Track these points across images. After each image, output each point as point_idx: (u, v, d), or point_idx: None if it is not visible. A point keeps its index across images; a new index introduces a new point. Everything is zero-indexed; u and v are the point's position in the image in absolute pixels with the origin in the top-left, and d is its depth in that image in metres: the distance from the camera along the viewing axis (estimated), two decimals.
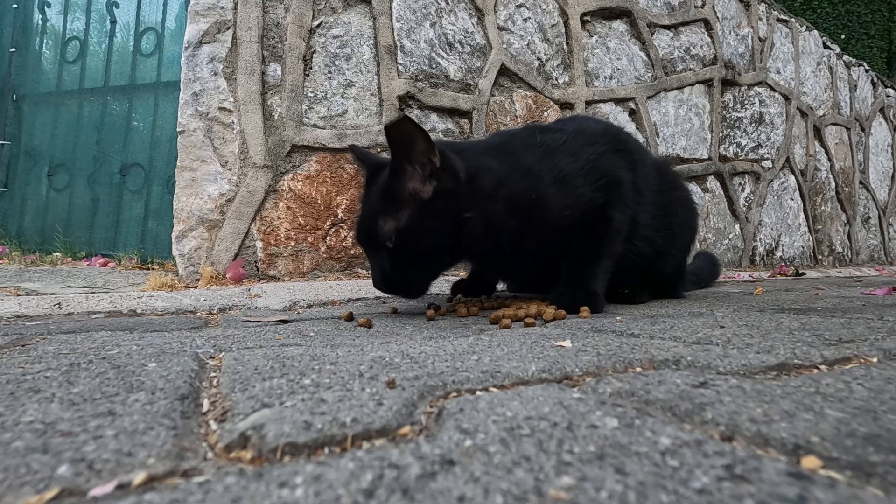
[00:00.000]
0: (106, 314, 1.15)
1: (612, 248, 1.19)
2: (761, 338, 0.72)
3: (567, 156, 1.15)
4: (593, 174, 1.15)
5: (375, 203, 1.05)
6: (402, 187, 1.01)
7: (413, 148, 0.98)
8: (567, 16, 2.45)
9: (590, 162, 1.15)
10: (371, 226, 1.03)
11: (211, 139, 1.64)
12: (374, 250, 1.05)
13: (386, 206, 1.01)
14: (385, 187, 1.03)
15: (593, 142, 1.20)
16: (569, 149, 1.17)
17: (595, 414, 0.40)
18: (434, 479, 0.30)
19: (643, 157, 1.37)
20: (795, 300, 1.36)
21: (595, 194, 1.14)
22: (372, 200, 1.07)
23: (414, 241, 1.01)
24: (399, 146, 0.99)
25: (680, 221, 1.40)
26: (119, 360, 0.61)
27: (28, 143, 2.84)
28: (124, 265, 2.17)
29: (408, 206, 1.01)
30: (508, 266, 1.30)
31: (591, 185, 1.14)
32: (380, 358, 0.61)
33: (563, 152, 1.16)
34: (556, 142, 1.18)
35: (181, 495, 0.29)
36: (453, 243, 1.05)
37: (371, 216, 1.04)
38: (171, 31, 2.61)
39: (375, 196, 1.06)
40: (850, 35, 6.47)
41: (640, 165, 1.29)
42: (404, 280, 1.05)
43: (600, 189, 1.15)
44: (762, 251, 3.35)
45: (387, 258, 1.02)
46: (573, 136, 1.21)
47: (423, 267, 1.06)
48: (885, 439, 0.35)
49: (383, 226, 1.01)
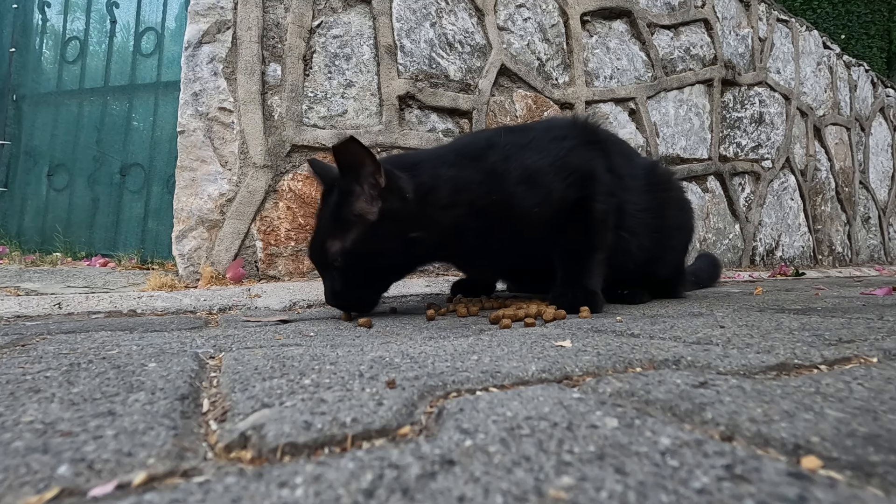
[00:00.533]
0: (106, 314, 1.15)
1: (601, 239, 1.17)
2: (761, 338, 0.72)
3: (534, 153, 1.15)
4: (564, 169, 1.14)
5: (325, 222, 1.07)
6: (349, 208, 1.03)
7: (361, 169, 1.00)
8: (567, 16, 2.45)
9: (560, 158, 1.15)
10: (320, 246, 1.05)
11: (211, 139, 1.64)
12: (322, 268, 1.07)
13: (334, 227, 1.04)
14: (334, 207, 1.05)
15: (563, 136, 1.20)
16: (536, 146, 1.16)
17: (595, 414, 0.40)
18: (434, 479, 0.30)
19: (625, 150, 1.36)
20: (795, 300, 1.36)
21: (569, 190, 1.13)
22: (322, 219, 1.09)
23: (359, 262, 1.04)
24: (347, 167, 1.01)
25: (673, 223, 1.38)
26: (119, 360, 0.61)
27: (28, 143, 2.84)
28: (124, 265, 2.17)
29: (355, 228, 1.03)
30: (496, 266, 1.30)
31: (564, 181, 1.13)
32: (380, 358, 0.61)
33: (530, 150, 1.15)
34: (522, 140, 1.17)
35: (181, 495, 0.29)
36: (401, 260, 1.09)
37: (320, 236, 1.06)
38: (171, 31, 2.61)
39: (326, 215, 1.08)
40: (850, 35, 6.47)
41: (617, 156, 1.27)
42: (354, 297, 1.07)
43: (574, 184, 1.14)
44: (762, 251, 3.35)
45: (336, 276, 1.04)
46: (541, 132, 1.20)
47: (370, 284, 1.09)
48: (885, 439, 0.35)
49: (330, 247, 1.03)
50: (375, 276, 1.09)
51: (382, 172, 1.01)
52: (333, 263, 1.04)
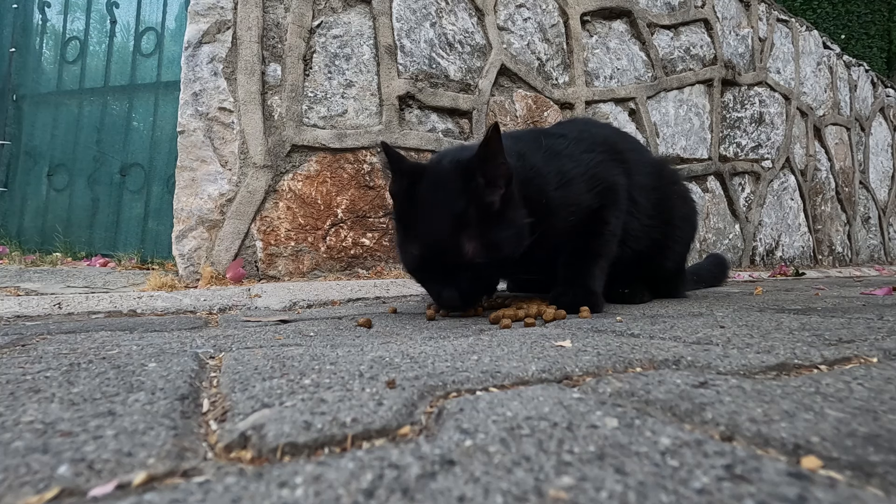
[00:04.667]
0: (106, 314, 1.15)
1: (607, 249, 1.21)
2: (761, 338, 0.72)
3: (570, 160, 1.17)
4: (594, 179, 1.18)
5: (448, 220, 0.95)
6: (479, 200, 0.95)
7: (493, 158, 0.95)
8: (567, 16, 2.45)
9: (591, 168, 1.19)
10: (451, 245, 0.94)
11: (211, 139, 1.64)
12: (449, 270, 0.96)
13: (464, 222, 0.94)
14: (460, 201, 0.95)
15: (593, 149, 1.24)
16: (571, 153, 1.19)
17: (595, 414, 0.40)
18: (434, 479, 0.30)
19: (640, 158, 1.39)
20: (795, 300, 1.36)
21: (594, 199, 1.17)
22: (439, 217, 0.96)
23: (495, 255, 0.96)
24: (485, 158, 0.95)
25: (679, 215, 1.43)
26: (119, 360, 0.61)
27: (28, 143, 2.84)
28: (124, 265, 2.17)
29: (485, 220, 0.95)
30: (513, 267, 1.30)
31: (591, 190, 1.17)
32: (380, 358, 0.61)
33: (566, 157, 1.18)
34: (559, 146, 1.20)
35: (181, 495, 0.29)
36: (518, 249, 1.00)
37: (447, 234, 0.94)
38: (171, 31, 2.61)
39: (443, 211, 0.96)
40: (850, 35, 6.47)
41: (636, 173, 1.32)
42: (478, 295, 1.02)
43: (599, 194, 1.18)
44: (762, 251, 3.35)
45: (469, 276, 0.96)
46: (575, 142, 1.23)
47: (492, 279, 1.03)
48: (885, 439, 0.35)
49: (468, 244, 0.94)
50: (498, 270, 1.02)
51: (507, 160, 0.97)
52: (473, 261, 0.94)
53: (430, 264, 0.98)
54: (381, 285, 1.56)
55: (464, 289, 0.96)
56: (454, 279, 0.96)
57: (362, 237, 1.84)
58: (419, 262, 0.99)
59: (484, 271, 0.98)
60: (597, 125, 1.51)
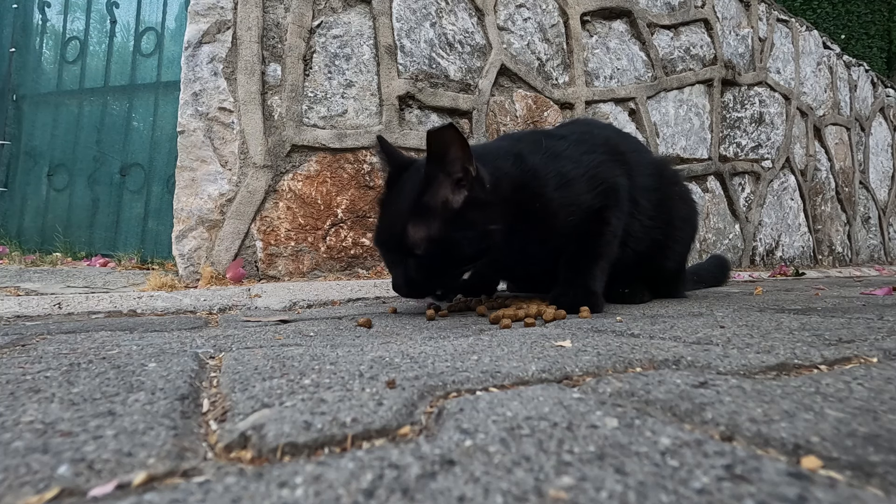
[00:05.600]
0: (106, 314, 1.15)
1: (608, 250, 1.21)
2: (761, 338, 0.72)
3: (570, 161, 1.18)
4: (594, 180, 1.18)
5: (402, 208, 1.03)
6: (433, 195, 1.00)
7: (448, 155, 0.98)
8: (567, 16, 2.45)
9: (591, 169, 1.19)
10: (399, 231, 1.01)
11: (211, 139, 1.64)
12: (398, 255, 1.04)
13: (414, 213, 1.00)
14: (415, 193, 1.01)
15: (594, 150, 1.24)
16: (571, 155, 1.20)
17: (595, 414, 0.40)
18: (434, 479, 0.30)
19: (641, 159, 1.39)
20: (795, 300, 1.36)
21: (595, 199, 1.17)
22: (399, 204, 1.05)
23: (442, 251, 1.00)
24: (437, 153, 0.98)
25: (679, 215, 1.43)
26: (119, 360, 0.61)
27: (28, 143, 2.85)
28: (124, 265, 2.17)
29: (439, 215, 1.00)
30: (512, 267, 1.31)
31: (592, 191, 1.17)
32: (380, 358, 0.61)
33: (566, 158, 1.18)
34: (559, 147, 1.20)
35: (181, 495, 0.29)
36: (476, 253, 1.04)
37: (399, 221, 1.02)
38: (171, 31, 2.61)
39: (404, 200, 1.04)
40: (850, 35, 6.47)
41: (638, 174, 1.32)
42: (429, 285, 1.05)
43: (600, 195, 1.18)
44: (762, 251, 3.35)
45: (413, 264, 1.02)
46: (575, 143, 1.24)
47: (444, 274, 1.06)
48: (885, 439, 0.35)
49: (413, 233, 1.00)
50: (451, 266, 1.05)
51: (473, 161, 1.00)
52: (414, 250, 1.00)
53: (384, 249, 1.08)
54: (381, 285, 1.56)
55: (410, 276, 1.02)
56: (405, 266, 1.03)
57: (362, 237, 1.84)
58: (378, 245, 1.09)
59: (434, 263, 1.01)
60: (598, 126, 1.52)
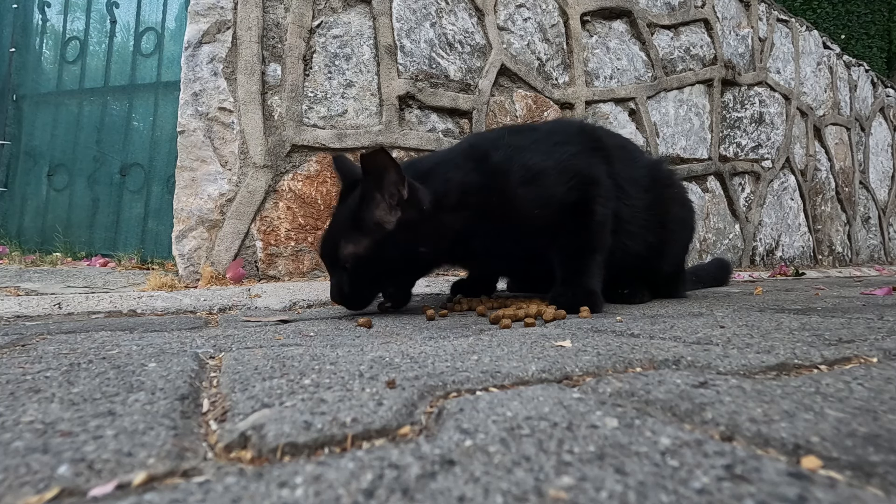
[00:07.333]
0: (106, 314, 1.15)
1: (599, 242, 1.19)
2: (761, 338, 0.72)
3: (538, 154, 1.17)
4: (567, 173, 1.16)
5: (341, 223, 1.10)
6: (368, 214, 1.05)
7: (384, 178, 1.03)
8: (567, 16, 2.45)
9: (563, 161, 1.17)
10: (333, 245, 1.08)
11: (211, 139, 1.64)
12: (332, 267, 1.10)
13: (349, 229, 1.06)
14: (353, 210, 1.07)
15: (566, 141, 1.22)
16: (539, 148, 1.18)
17: (595, 414, 0.40)
18: (434, 479, 0.30)
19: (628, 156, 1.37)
20: (795, 300, 1.36)
21: (570, 191, 1.15)
22: (338, 219, 1.12)
23: (370, 268, 1.07)
24: (372, 175, 1.03)
25: (675, 218, 1.41)
26: (119, 360, 0.61)
27: (28, 143, 2.84)
28: (124, 265, 2.17)
29: (370, 235, 1.05)
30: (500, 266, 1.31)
31: (565, 183, 1.15)
32: (380, 358, 0.61)
33: (533, 151, 1.17)
34: (526, 141, 1.19)
35: (181, 495, 0.29)
36: (410, 268, 1.13)
37: (334, 235, 1.09)
38: (171, 31, 2.61)
39: (343, 215, 1.10)
40: (850, 35, 6.46)
41: (619, 162, 1.29)
42: (358, 297, 1.11)
43: (575, 187, 1.16)
44: (762, 251, 3.35)
45: (344, 277, 1.08)
46: (546, 135, 1.23)
47: (375, 287, 1.13)
48: (885, 439, 0.35)
49: (343, 249, 1.06)
50: (380, 281, 1.12)
51: (406, 184, 1.04)
52: (344, 265, 1.06)
53: (324, 260, 1.13)
54: None
55: (342, 289, 1.08)
56: (338, 277, 1.08)
57: None
58: (320, 257, 1.14)
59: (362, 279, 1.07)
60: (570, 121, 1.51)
